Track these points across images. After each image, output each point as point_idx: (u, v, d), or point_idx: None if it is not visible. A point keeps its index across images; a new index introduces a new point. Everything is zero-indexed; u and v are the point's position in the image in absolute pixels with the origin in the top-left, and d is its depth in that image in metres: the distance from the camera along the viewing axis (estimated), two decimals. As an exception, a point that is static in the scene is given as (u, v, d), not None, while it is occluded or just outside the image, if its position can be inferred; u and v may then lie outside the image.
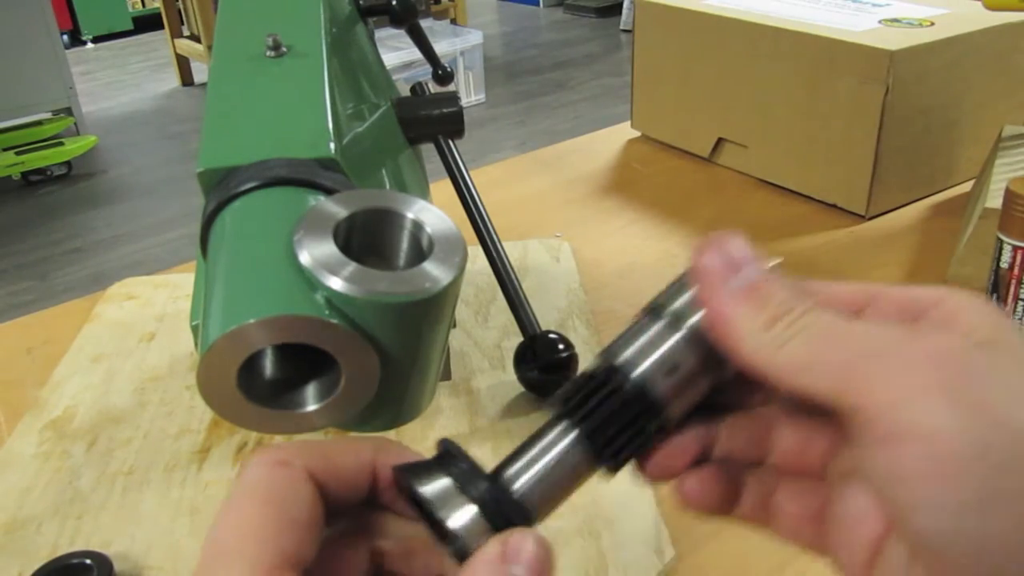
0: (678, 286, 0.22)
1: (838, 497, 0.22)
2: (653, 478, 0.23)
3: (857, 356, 0.19)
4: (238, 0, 0.47)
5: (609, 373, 0.22)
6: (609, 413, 0.22)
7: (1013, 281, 0.52)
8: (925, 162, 0.75)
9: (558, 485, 0.22)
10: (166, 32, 3.80)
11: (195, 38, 3.72)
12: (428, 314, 0.25)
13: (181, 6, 3.81)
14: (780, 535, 0.24)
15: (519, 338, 0.51)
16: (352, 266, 0.24)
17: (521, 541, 0.20)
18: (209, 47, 2.56)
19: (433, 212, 0.28)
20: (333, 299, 0.24)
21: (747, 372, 0.21)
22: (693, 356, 0.22)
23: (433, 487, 0.21)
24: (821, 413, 0.21)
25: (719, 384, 0.23)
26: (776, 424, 0.24)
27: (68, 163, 2.89)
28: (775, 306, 0.20)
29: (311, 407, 0.26)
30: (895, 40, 0.68)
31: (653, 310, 0.22)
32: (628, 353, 0.22)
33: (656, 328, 0.22)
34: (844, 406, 0.19)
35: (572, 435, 0.22)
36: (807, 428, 0.23)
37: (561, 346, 0.51)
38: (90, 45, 4.50)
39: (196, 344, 0.34)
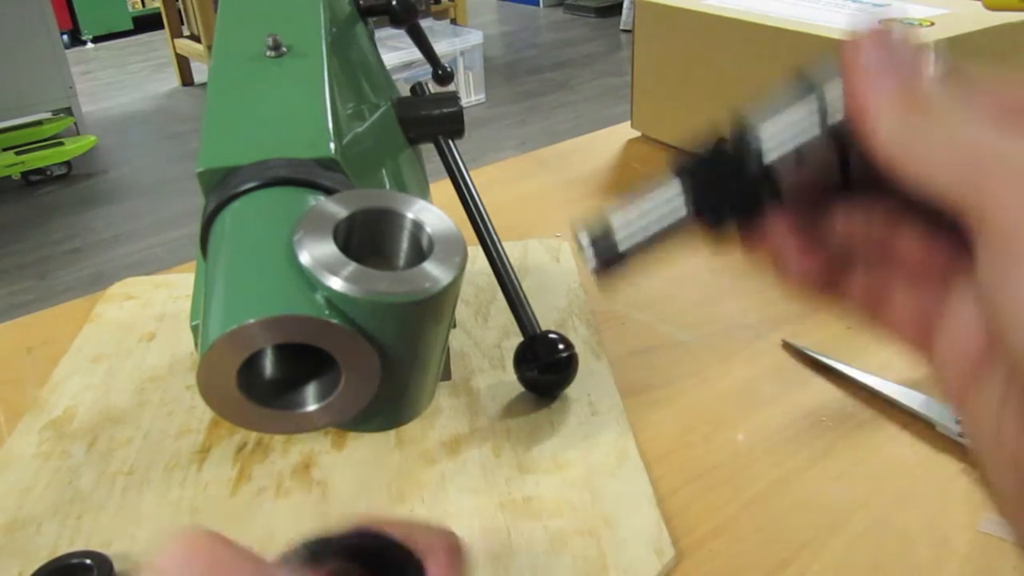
0: (833, 69, 0.22)
1: (951, 307, 0.20)
2: (753, 247, 0.23)
3: (992, 162, 0.17)
4: (238, 0, 0.47)
5: (740, 148, 0.22)
6: (722, 179, 0.22)
7: (1013, 281, 0.52)
8: (925, 162, 0.75)
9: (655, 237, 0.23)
10: (166, 32, 3.80)
11: (195, 38, 3.72)
12: (428, 314, 0.25)
13: (181, 6, 3.81)
14: (885, 327, 0.23)
15: (519, 338, 0.51)
16: (352, 266, 0.24)
17: None
18: (209, 47, 2.56)
19: (433, 212, 0.28)
20: (333, 299, 0.24)
21: (878, 166, 0.19)
22: (828, 149, 0.22)
23: None
24: (948, 221, 0.20)
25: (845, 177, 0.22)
26: (899, 224, 0.22)
27: (68, 163, 2.89)
28: (925, 104, 0.19)
29: (311, 407, 0.26)
30: (895, 40, 0.68)
31: (803, 86, 0.22)
32: (767, 133, 0.22)
33: (801, 112, 0.22)
34: (965, 206, 0.18)
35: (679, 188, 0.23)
36: (931, 233, 0.21)
37: (561, 346, 0.51)
38: (90, 45, 4.51)
39: (196, 344, 0.34)
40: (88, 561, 0.40)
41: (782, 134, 0.22)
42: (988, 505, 0.42)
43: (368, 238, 0.28)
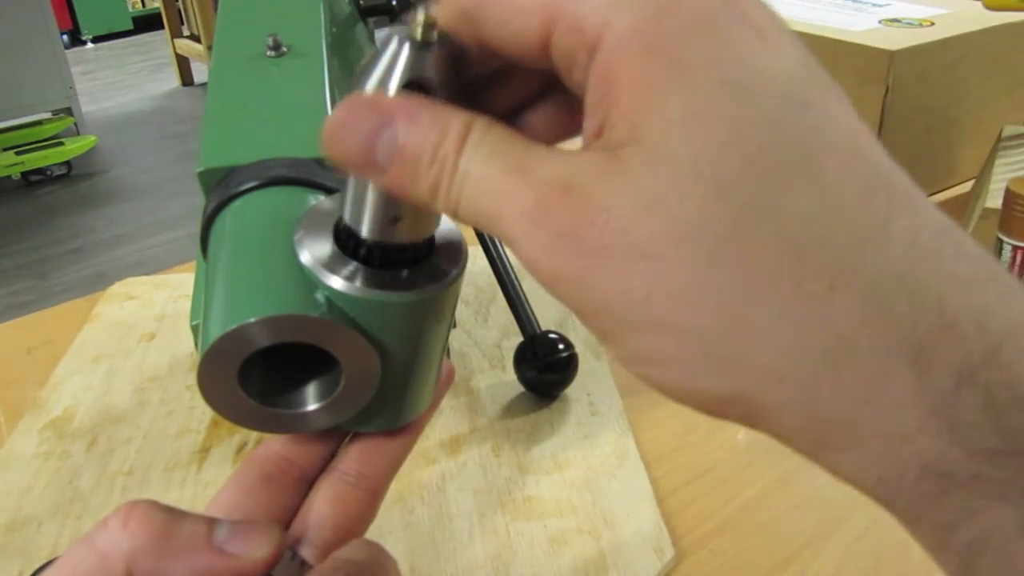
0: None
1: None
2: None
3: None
4: (238, 0, 0.47)
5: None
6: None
7: (1013, 281, 0.52)
8: (925, 162, 0.75)
9: None
10: (166, 32, 3.80)
11: (195, 38, 3.72)
12: (428, 314, 0.25)
13: (181, 6, 3.81)
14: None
15: (519, 338, 0.51)
16: (352, 265, 0.24)
17: None
18: (209, 47, 2.56)
19: (433, 212, 0.28)
20: (333, 298, 0.24)
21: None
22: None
23: None
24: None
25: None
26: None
27: (68, 163, 2.89)
28: (428, 166, 0.19)
29: (311, 407, 0.26)
30: (895, 40, 0.68)
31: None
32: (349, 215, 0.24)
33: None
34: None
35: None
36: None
37: (561, 346, 0.51)
38: (90, 45, 4.51)
39: (196, 344, 0.34)
40: (88, 561, 0.40)
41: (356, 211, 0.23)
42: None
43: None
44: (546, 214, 0.18)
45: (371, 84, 0.21)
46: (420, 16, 0.20)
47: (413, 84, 0.20)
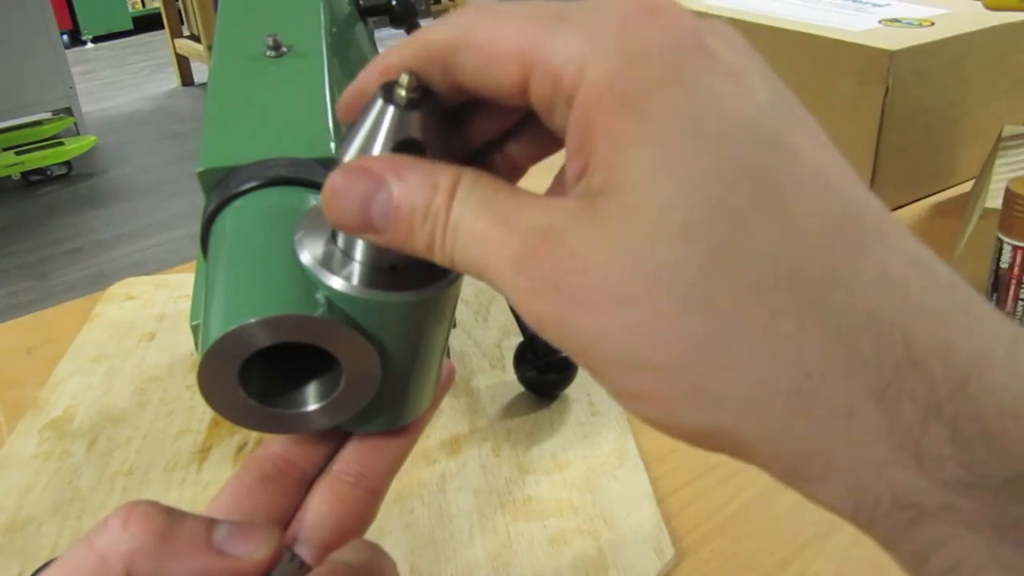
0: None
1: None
2: None
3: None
4: (238, 0, 0.47)
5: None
6: None
7: (1013, 281, 0.52)
8: (925, 162, 0.75)
9: None
10: (166, 32, 3.80)
11: (195, 38, 3.72)
12: (429, 314, 0.25)
13: (181, 6, 3.81)
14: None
15: (519, 338, 0.51)
16: (353, 265, 0.24)
17: None
18: (209, 47, 2.56)
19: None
20: (333, 298, 0.24)
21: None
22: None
23: None
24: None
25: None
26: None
27: (68, 163, 2.89)
28: (421, 222, 0.20)
29: (311, 407, 0.26)
30: (895, 40, 0.68)
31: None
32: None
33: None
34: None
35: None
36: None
37: (561, 346, 0.51)
38: (90, 45, 4.51)
39: (196, 344, 0.34)
40: (88, 561, 0.40)
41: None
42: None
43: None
44: (528, 261, 0.19)
45: (355, 148, 0.22)
46: (404, 79, 0.21)
47: (402, 146, 0.21)
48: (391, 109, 0.21)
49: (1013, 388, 0.16)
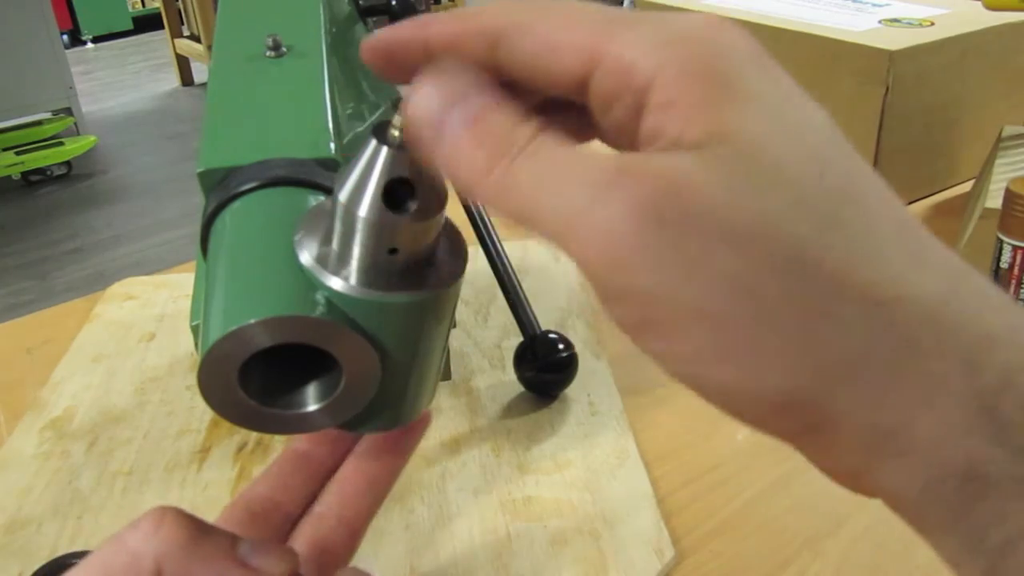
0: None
1: None
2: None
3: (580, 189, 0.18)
4: (238, 0, 0.47)
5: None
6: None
7: (1013, 281, 0.52)
8: (925, 162, 0.75)
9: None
10: (166, 32, 3.80)
11: (195, 38, 3.71)
12: (428, 314, 0.25)
13: (181, 6, 3.81)
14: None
15: (519, 338, 0.51)
16: (353, 265, 0.24)
17: None
18: (209, 47, 2.55)
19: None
20: (333, 299, 0.24)
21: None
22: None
23: None
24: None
25: None
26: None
27: (68, 163, 2.89)
28: (495, 143, 0.19)
29: (311, 407, 0.26)
30: (895, 40, 0.68)
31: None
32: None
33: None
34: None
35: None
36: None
37: (561, 346, 0.51)
38: (90, 45, 4.50)
39: (196, 344, 0.34)
40: (88, 561, 0.40)
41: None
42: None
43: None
44: (625, 180, 0.17)
45: (350, 187, 0.22)
46: (397, 120, 0.21)
47: (392, 184, 0.22)
48: (384, 150, 0.22)
49: None
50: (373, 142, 0.22)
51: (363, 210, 0.22)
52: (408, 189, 0.22)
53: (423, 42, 0.21)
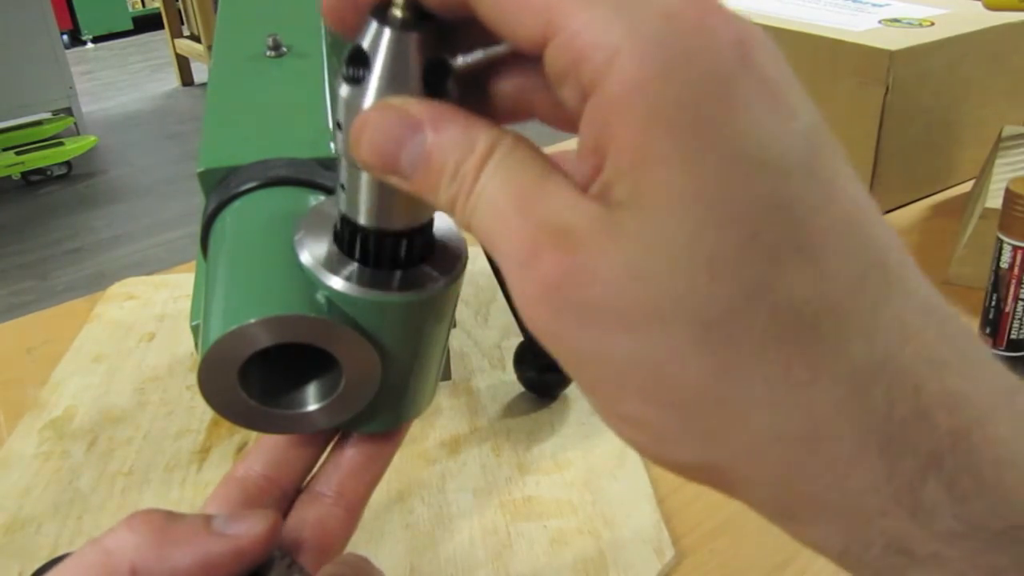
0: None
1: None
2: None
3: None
4: (238, 0, 0.47)
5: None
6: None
7: (1013, 281, 0.52)
8: (925, 162, 0.75)
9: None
10: (166, 32, 3.80)
11: (195, 38, 3.71)
12: (429, 314, 0.25)
13: (181, 6, 3.81)
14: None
15: (519, 338, 0.51)
16: (352, 266, 0.24)
17: None
18: (209, 47, 2.55)
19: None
20: (334, 299, 0.24)
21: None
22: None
23: None
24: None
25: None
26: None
27: (68, 163, 2.89)
28: (449, 180, 0.19)
29: (312, 407, 0.26)
30: (895, 40, 0.68)
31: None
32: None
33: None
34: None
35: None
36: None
37: (561, 346, 0.50)
38: (90, 45, 4.50)
39: (196, 344, 0.34)
40: (88, 561, 0.40)
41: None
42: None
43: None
44: (535, 259, 0.17)
45: (376, 84, 0.20)
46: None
47: (433, 66, 0.20)
48: (386, 31, 0.20)
49: (1012, 440, 0.17)
50: (382, 28, 0.20)
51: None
52: (446, 73, 0.20)
53: None
